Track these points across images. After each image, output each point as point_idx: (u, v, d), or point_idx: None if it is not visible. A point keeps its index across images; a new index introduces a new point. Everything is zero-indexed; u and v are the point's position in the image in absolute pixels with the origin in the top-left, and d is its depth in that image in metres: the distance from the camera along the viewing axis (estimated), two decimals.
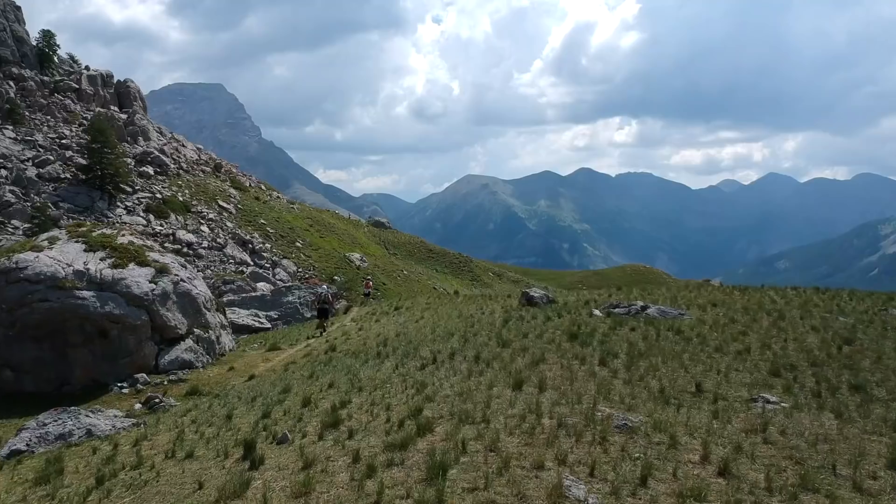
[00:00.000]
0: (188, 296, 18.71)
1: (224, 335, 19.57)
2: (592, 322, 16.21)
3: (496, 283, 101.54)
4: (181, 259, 19.88)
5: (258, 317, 25.38)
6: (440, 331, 17.92)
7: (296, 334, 24.58)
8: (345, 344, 19.26)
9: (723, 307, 18.12)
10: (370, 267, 77.10)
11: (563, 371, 10.71)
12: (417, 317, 22.82)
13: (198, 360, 17.56)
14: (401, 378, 11.28)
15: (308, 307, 27.07)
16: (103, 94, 79.96)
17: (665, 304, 18.76)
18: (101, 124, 62.51)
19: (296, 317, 26.86)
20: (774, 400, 8.75)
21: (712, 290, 22.56)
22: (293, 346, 21.18)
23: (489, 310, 21.75)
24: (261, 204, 77.88)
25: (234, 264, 62.90)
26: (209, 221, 66.28)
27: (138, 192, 64.60)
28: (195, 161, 78.28)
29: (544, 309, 19.76)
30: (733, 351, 11.95)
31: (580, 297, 22.20)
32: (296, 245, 72.36)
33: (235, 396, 13.06)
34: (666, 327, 14.70)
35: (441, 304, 25.45)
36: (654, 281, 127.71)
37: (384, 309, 26.30)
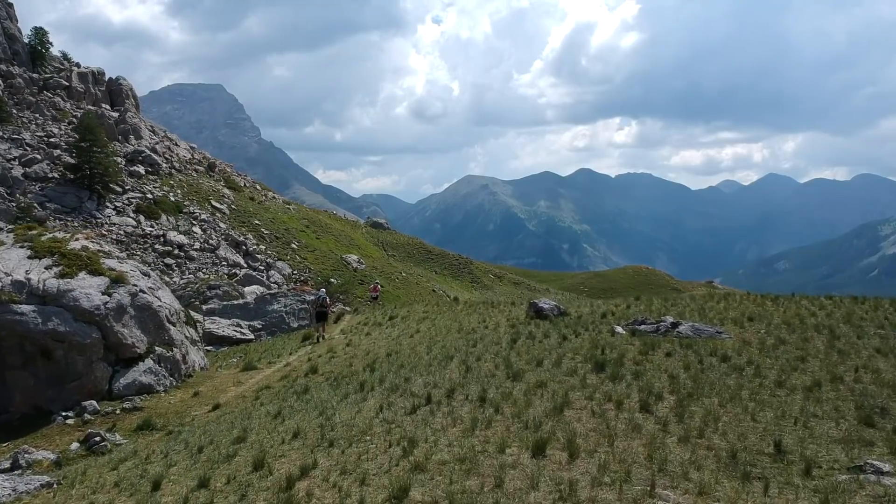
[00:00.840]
0: (149, 309, 16.29)
1: (193, 352, 17.23)
2: (617, 344, 13.89)
3: (497, 285, 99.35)
4: (144, 267, 17.41)
5: (240, 327, 23.04)
6: (437, 351, 15.81)
7: (279, 347, 22.36)
8: (328, 364, 17.16)
9: (761, 322, 15.77)
10: (367, 269, 74.85)
11: (596, 421, 8.39)
12: (413, 330, 20.60)
13: (159, 384, 15.21)
14: (385, 427, 8.98)
15: (295, 315, 24.69)
16: (94, 92, 77.67)
17: (695, 319, 16.44)
18: (91, 122, 60.31)
19: (281, 326, 24.68)
20: (888, 469, 6.48)
21: (741, 300, 20.26)
22: (272, 365, 18.97)
23: (493, 323, 19.61)
24: (255, 204, 75.65)
25: (226, 266, 60.67)
26: (202, 222, 64.07)
27: (128, 192, 62.40)
28: (188, 160, 76.04)
29: (556, 323, 17.63)
30: (800, 386, 9.63)
31: (595, 308, 19.88)
32: (291, 247, 70.13)
33: (183, 442, 10.74)
34: (707, 351, 12.47)
35: (439, 314, 23.16)
36: (656, 283, 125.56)
37: (377, 319, 23.98)
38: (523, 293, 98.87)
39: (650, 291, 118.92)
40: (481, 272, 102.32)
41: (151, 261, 55.79)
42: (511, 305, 25.58)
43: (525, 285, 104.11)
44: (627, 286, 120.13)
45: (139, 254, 55.67)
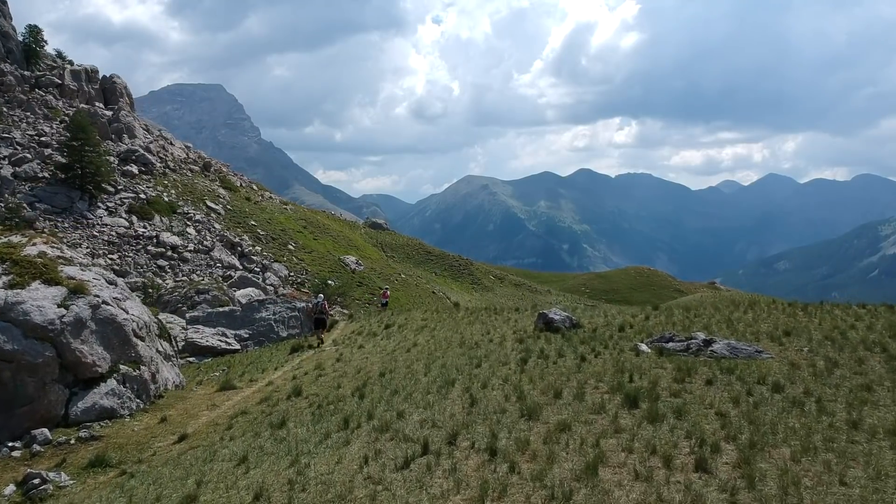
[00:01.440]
0: (113, 322, 14.34)
1: (166, 368, 15.72)
2: (645, 367, 12.09)
3: (497, 286, 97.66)
4: (110, 274, 15.55)
5: (226, 336, 21.19)
6: (436, 371, 14.23)
7: (265, 360, 20.58)
8: (314, 384, 15.36)
9: (800, 338, 14.03)
10: (366, 270, 73.15)
11: (643, 488, 6.47)
12: (410, 342, 18.81)
13: (123, 407, 13.31)
14: (369, 490, 7.08)
15: (285, 324, 22.87)
16: (88, 90, 76.08)
17: (724, 333, 14.69)
18: (82, 120, 58.66)
19: (270, 336, 23.28)
20: None
21: (769, 309, 18.49)
22: (253, 383, 17.13)
23: (498, 335, 17.81)
24: (251, 205, 73.97)
25: (221, 268, 59.02)
26: (196, 223, 62.40)
27: (121, 191, 60.78)
28: (183, 160, 74.36)
29: (569, 337, 15.86)
30: (881, 427, 7.86)
31: (609, 319, 18.20)
32: (288, 248, 68.44)
33: (128, 494, 8.96)
34: (753, 377, 10.70)
35: (439, 322, 21.37)
36: (658, 284, 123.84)
37: (373, 328, 22.17)
38: (524, 295, 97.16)
39: (652, 293, 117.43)
40: (482, 273, 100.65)
41: (144, 263, 54.22)
42: (515, 312, 23.87)
43: (526, 287, 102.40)
44: (629, 287, 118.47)
45: (131, 255, 54.08)
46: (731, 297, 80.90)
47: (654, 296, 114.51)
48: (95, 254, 51.67)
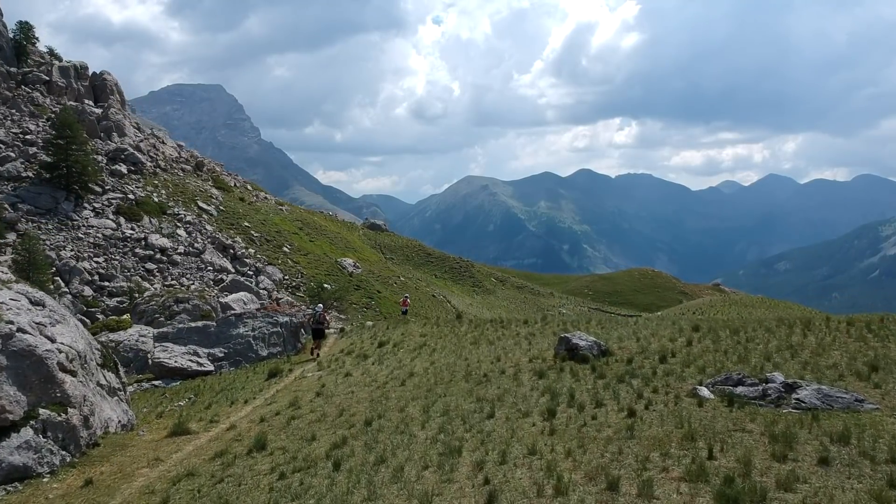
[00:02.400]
0: (31, 355, 11.32)
1: (110, 406, 13.21)
2: (719, 426, 9.34)
3: (499, 289, 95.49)
4: (36, 292, 12.77)
5: (197, 356, 18.99)
6: (436, 422, 11.51)
7: (238, 386, 17.83)
8: (284, 431, 12.53)
9: (889, 372, 11.67)
10: (364, 273, 71.01)
11: None
12: (405, 370, 15.93)
13: (42, 463, 10.94)
14: None
15: (265, 342, 20.27)
16: (76, 87, 73.90)
17: (794, 369, 12.14)
18: (68, 118, 56.55)
19: (247, 355, 20.70)
20: None
21: (827, 329, 16.20)
22: (214, 425, 14.04)
23: (511, 363, 15.08)
24: (245, 205, 71.81)
25: (212, 272, 56.95)
26: (186, 224, 60.31)
27: (109, 192, 58.70)
28: (175, 159, 72.20)
29: (600, 370, 13.18)
30: None
31: (644, 343, 15.17)
32: (283, 250, 66.34)
33: None
34: (883, 452, 7.89)
35: (440, 340, 19.70)
36: (663, 286, 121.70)
37: (365, 346, 20.44)
38: (527, 298, 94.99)
39: (656, 295, 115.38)
40: (483, 276, 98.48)
41: (131, 266, 52.14)
42: (524, 326, 21.68)
43: (528, 289, 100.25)
44: (633, 289, 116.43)
45: (118, 258, 52.01)
46: (739, 299, 78.74)
47: (659, 298, 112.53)
48: (80, 256, 49.61)
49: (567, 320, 23.02)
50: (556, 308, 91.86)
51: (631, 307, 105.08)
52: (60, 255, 48.79)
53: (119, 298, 46.73)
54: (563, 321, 22.60)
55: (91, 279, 48.63)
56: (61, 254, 48.90)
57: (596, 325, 22.52)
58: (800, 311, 67.72)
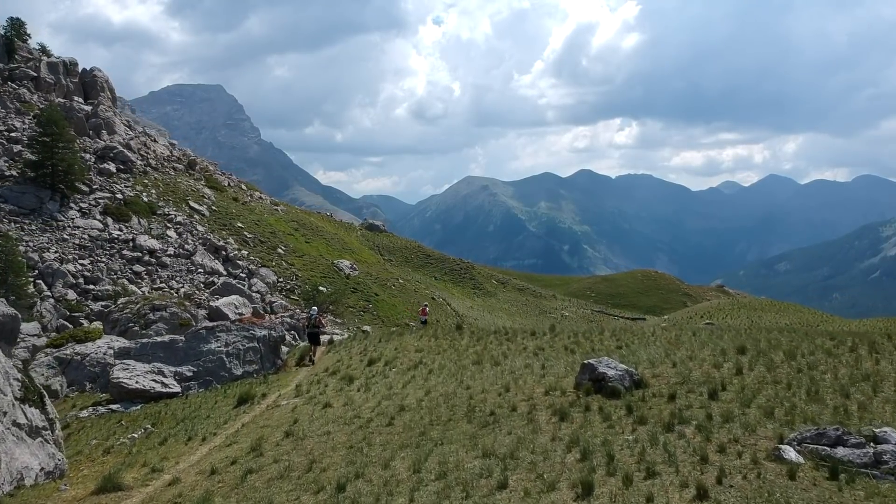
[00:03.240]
0: None
1: (28, 452, 10.67)
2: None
3: (500, 291, 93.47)
4: None
5: (163, 375, 16.68)
6: (430, 484, 9.21)
7: (203, 415, 15.39)
8: (236, 491, 10.19)
9: None
10: (361, 275, 68.94)
11: None
12: (396, 402, 13.47)
13: None
14: None
15: (240, 359, 17.71)
16: (66, 84, 71.85)
17: (881, 407, 9.91)
18: (54, 114, 54.46)
19: (219, 374, 18.15)
20: None
21: (888, 342, 14.22)
22: (154, 476, 11.51)
23: (523, 396, 12.55)
24: (239, 205, 69.70)
25: (203, 274, 54.85)
26: (177, 225, 58.23)
27: (96, 191, 56.62)
28: (166, 157, 70.11)
29: (636, 407, 10.70)
30: None
31: (683, 371, 12.44)
32: (277, 251, 64.24)
33: None
34: None
35: (438, 356, 17.57)
36: (666, 287, 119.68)
37: (352, 365, 18.16)
38: (528, 300, 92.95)
39: (660, 297, 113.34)
40: (483, 277, 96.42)
41: (118, 268, 50.04)
42: (532, 338, 19.56)
43: (530, 291, 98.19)
44: (636, 291, 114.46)
45: (104, 260, 49.90)
46: (747, 302, 76.77)
47: (662, 300, 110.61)
48: (65, 258, 47.55)
49: (578, 331, 20.91)
50: (559, 311, 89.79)
51: (634, 309, 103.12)
52: (44, 256, 46.71)
53: (104, 302, 44.62)
54: (573, 332, 20.50)
55: (75, 282, 46.55)
56: (44, 255, 46.82)
57: (610, 337, 20.39)
58: (809, 314, 65.78)
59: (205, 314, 50.88)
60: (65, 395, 18.09)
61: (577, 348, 18.11)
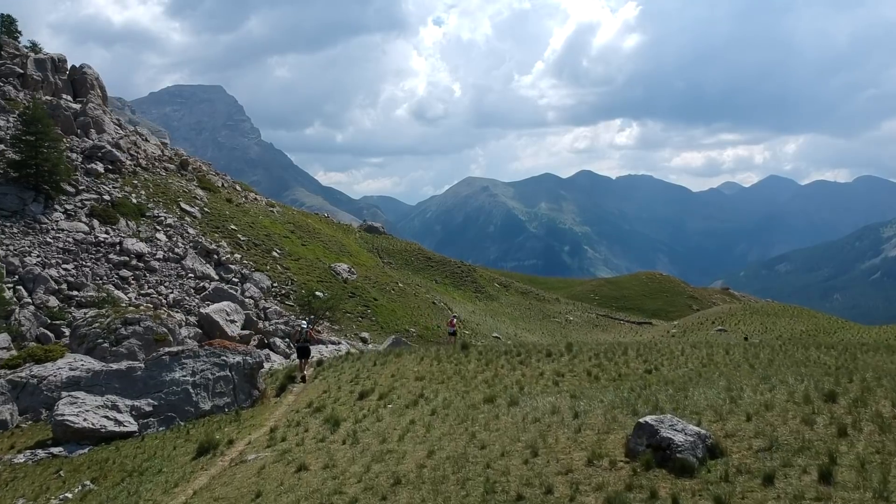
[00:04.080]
0: None
1: None
2: None
3: (502, 294, 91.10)
4: None
5: (117, 411, 14.01)
6: None
7: (155, 468, 12.79)
8: None
9: None
10: (359, 279, 66.57)
11: None
12: (389, 467, 10.51)
13: None
14: None
15: (208, 390, 14.85)
16: (54, 81, 69.39)
17: None
18: (38, 112, 52.15)
19: (184, 409, 15.33)
20: None
21: None
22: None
23: (559, 468, 9.39)
24: (233, 207, 67.28)
25: (193, 279, 52.48)
26: (167, 228, 55.86)
27: (82, 192, 54.25)
28: (157, 157, 67.72)
29: (722, 495, 7.81)
30: None
31: (758, 420, 9.70)
32: (272, 255, 61.85)
33: None
34: None
35: (442, 387, 14.84)
36: (672, 290, 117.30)
37: (341, 398, 15.28)
38: (532, 304, 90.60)
39: (665, 300, 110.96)
40: (485, 280, 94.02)
41: (104, 273, 47.67)
42: (548, 360, 17.15)
43: (533, 295, 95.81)
44: (641, 294, 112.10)
45: (89, 265, 47.53)
46: (759, 307, 74.39)
47: (668, 303, 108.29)
48: (47, 263, 45.16)
49: (598, 349, 18.53)
50: (563, 315, 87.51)
51: (639, 313, 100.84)
52: (24, 261, 44.35)
53: (87, 310, 42.25)
54: (594, 352, 18.12)
55: (58, 288, 44.18)
56: (25, 260, 44.44)
57: (636, 358, 18.04)
58: (824, 319, 63.42)
59: (195, 320, 48.66)
60: (15, 424, 15.72)
61: (602, 373, 15.76)
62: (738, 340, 49.49)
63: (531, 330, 75.69)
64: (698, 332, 58.98)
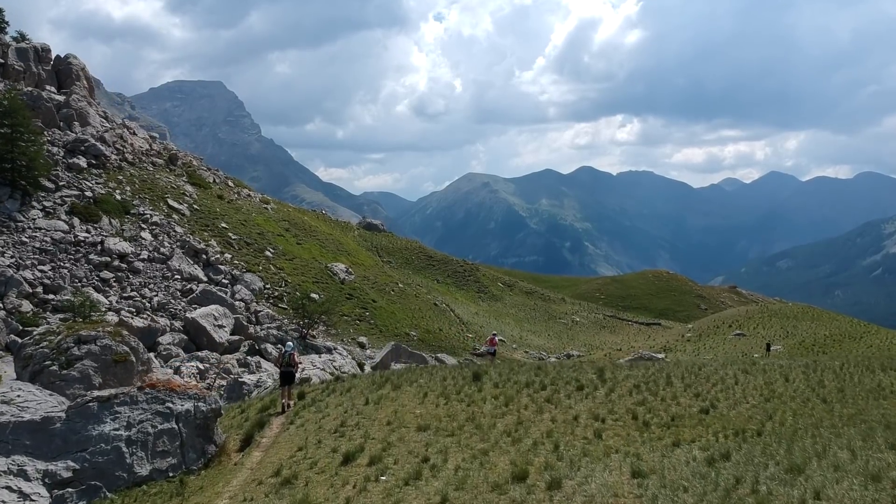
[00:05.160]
0: None
1: None
2: None
3: (507, 295, 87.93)
4: None
5: (23, 478, 10.71)
6: None
7: None
8: None
9: None
10: (357, 279, 63.41)
11: None
12: None
13: None
14: None
15: (147, 449, 10.95)
16: (37, 72, 66.10)
17: None
18: (14, 103, 48.90)
19: (114, 475, 11.72)
20: None
21: None
22: None
23: None
24: (224, 203, 64.05)
25: (180, 281, 49.39)
26: (153, 226, 52.72)
27: (63, 188, 51.11)
28: (145, 151, 64.48)
29: None
30: None
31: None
32: (265, 254, 58.71)
33: None
34: None
35: (454, 447, 11.43)
36: (679, 289, 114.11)
37: (321, 453, 12.00)
38: (537, 304, 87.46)
39: (673, 299, 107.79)
40: (489, 280, 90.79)
41: (83, 275, 44.54)
42: (580, 396, 14.08)
43: (538, 294, 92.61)
44: (648, 293, 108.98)
45: (67, 266, 44.39)
46: (777, 309, 70.67)
47: (675, 303, 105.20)
48: (21, 264, 42.02)
49: (639, 380, 15.42)
50: (569, 316, 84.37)
51: (647, 312, 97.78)
52: None
53: (63, 315, 39.12)
54: (633, 383, 15.02)
55: (32, 291, 41.04)
56: None
57: (685, 391, 14.99)
58: (847, 322, 60.08)
59: (181, 325, 45.57)
60: None
61: (650, 416, 12.67)
62: (760, 350, 46.41)
63: (537, 332, 72.56)
64: (715, 336, 55.86)
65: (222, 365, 39.69)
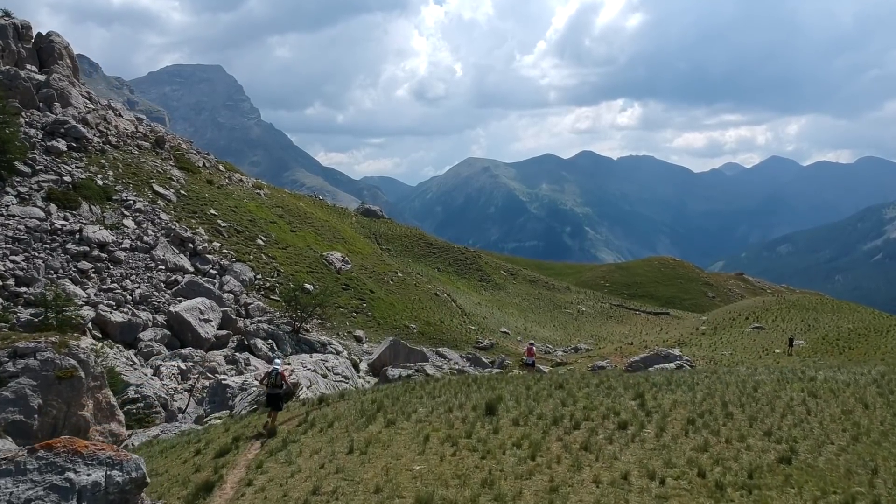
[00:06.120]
0: None
1: None
2: None
3: (510, 283, 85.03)
4: None
5: None
6: None
7: None
8: None
9: None
10: (354, 268, 60.42)
11: None
12: None
13: None
14: None
15: None
16: (17, 50, 62.56)
17: None
18: None
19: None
20: None
21: None
22: None
23: None
24: (214, 189, 60.85)
25: (164, 271, 46.38)
26: (136, 213, 49.65)
27: (40, 173, 48.01)
28: (130, 134, 61.17)
29: None
30: None
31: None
32: (256, 243, 55.67)
33: None
34: None
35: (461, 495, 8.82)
36: (685, 276, 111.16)
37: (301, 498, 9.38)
38: (541, 293, 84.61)
39: (679, 287, 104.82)
40: (491, 268, 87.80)
41: (59, 265, 41.50)
42: (622, 437, 11.18)
43: (542, 283, 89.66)
44: (653, 280, 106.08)
45: (42, 256, 41.33)
46: (795, 300, 67.54)
47: (682, 290, 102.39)
48: None
49: (694, 416, 12.50)
50: (575, 305, 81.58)
51: (653, 301, 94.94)
52: None
53: (34, 310, 36.18)
54: (688, 419, 12.17)
55: (3, 284, 38.05)
56: None
57: (749, 426, 12.13)
58: (869, 314, 57.27)
59: (164, 320, 42.60)
60: None
61: (723, 473, 9.75)
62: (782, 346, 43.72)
63: (542, 322, 69.76)
64: (731, 329, 52.95)
65: (207, 363, 36.77)
